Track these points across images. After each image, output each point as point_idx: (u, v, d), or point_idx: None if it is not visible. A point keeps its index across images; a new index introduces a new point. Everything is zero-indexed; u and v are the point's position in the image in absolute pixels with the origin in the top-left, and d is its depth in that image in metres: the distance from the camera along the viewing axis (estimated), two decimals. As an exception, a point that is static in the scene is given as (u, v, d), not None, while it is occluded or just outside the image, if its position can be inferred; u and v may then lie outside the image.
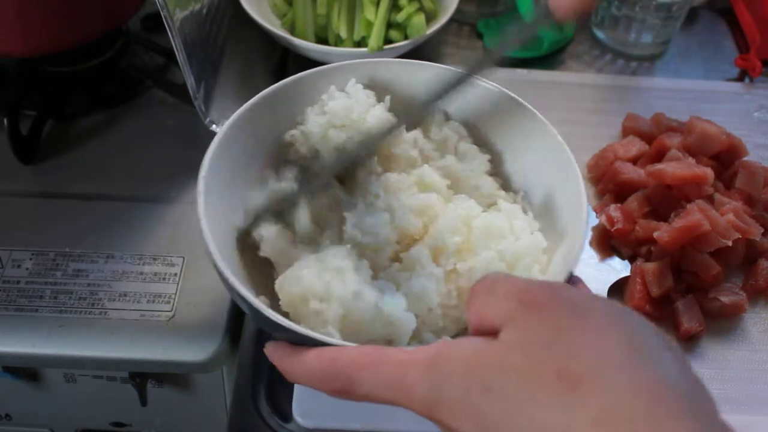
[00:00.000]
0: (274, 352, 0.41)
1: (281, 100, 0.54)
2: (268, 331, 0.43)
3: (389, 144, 0.54)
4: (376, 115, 0.54)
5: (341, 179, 0.54)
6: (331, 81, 0.56)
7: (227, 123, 0.51)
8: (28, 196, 0.70)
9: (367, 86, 0.56)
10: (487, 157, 0.55)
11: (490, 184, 0.54)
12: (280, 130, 0.55)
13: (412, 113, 0.54)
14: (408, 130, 0.55)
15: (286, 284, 0.46)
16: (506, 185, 0.56)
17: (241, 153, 0.52)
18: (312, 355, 0.38)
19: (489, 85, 0.55)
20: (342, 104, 0.54)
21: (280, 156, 0.55)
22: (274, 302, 0.47)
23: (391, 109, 0.55)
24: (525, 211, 0.52)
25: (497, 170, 0.57)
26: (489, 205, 0.53)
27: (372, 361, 0.35)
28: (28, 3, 0.67)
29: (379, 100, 0.56)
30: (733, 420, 0.29)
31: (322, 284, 0.44)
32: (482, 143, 0.56)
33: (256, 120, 0.53)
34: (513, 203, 0.53)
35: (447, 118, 0.57)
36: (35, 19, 0.69)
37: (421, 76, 0.56)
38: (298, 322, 0.43)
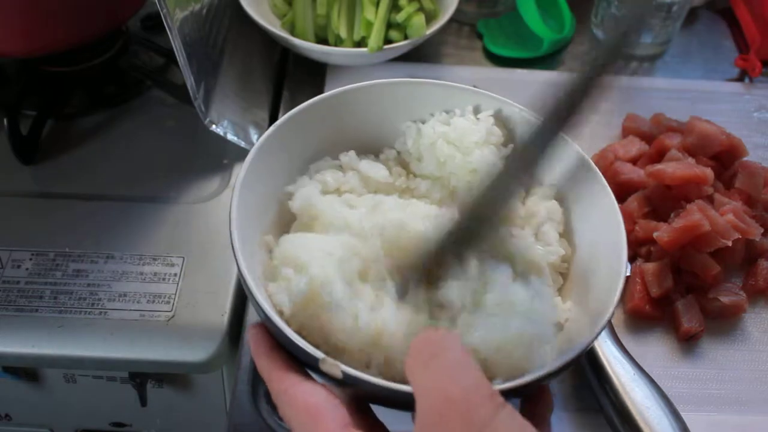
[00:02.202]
0: (258, 351, 0.42)
1: (389, 95, 0.54)
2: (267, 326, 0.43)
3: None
4: (483, 153, 0.52)
5: None
6: (444, 97, 0.54)
7: (292, 112, 0.51)
8: (28, 196, 0.70)
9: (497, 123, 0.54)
10: (562, 251, 0.51)
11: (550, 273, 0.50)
12: (365, 126, 0.55)
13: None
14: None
15: (296, 238, 0.46)
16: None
17: (297, 145, 0.52)
18: (296, 391, 0.39)
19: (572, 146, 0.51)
20: (463, 125, 0.53)
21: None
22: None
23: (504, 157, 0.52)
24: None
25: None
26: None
27: None
28: (29, 3, 0.67)
29: (506, 144, 0.53)
30: (733, 420, 0.29)
31: (307, 256, 0.44)
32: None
33: (326, 113, 0.53)
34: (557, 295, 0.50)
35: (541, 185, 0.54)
36: (35, 19, 0.69)
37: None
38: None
